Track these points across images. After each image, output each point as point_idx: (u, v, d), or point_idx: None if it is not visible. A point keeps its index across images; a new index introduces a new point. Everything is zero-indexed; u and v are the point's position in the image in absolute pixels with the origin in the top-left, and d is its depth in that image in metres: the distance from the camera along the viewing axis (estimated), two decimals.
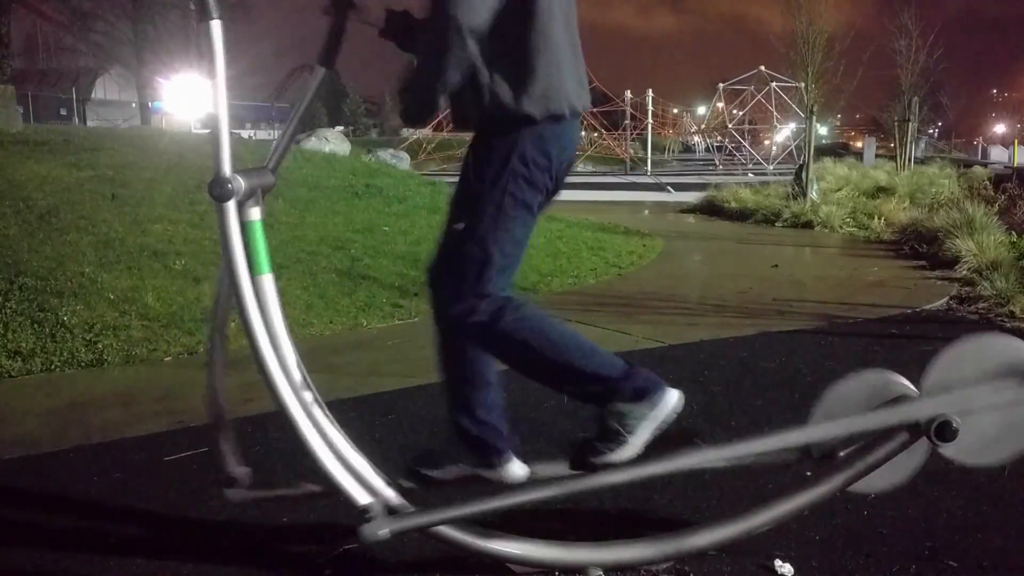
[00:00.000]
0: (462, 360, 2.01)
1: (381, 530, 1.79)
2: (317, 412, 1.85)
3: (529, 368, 1.99)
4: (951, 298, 5.54)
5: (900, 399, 1.98)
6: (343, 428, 1.96)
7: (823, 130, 41.88)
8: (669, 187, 19.10)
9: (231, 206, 1.78)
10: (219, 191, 1.77)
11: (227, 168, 1.77)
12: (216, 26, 1.75)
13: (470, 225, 1.91)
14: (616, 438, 1.92)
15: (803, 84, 13.15)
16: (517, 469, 2.05)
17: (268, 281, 1.88)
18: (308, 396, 1.86)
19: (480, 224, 1.90)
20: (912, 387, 2.00)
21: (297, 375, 1.86)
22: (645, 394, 1.95)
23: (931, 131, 58.85)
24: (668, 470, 1.99)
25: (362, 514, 1.80)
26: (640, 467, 1.95)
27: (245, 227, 1.86)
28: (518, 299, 1.97)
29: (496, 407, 2.04)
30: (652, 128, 30.88)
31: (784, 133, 34.06)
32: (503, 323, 1.92)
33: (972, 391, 1.91)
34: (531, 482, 2.02)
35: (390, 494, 1.87)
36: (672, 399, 1.97)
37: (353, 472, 1.85)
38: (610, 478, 1.94)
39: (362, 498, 1.82)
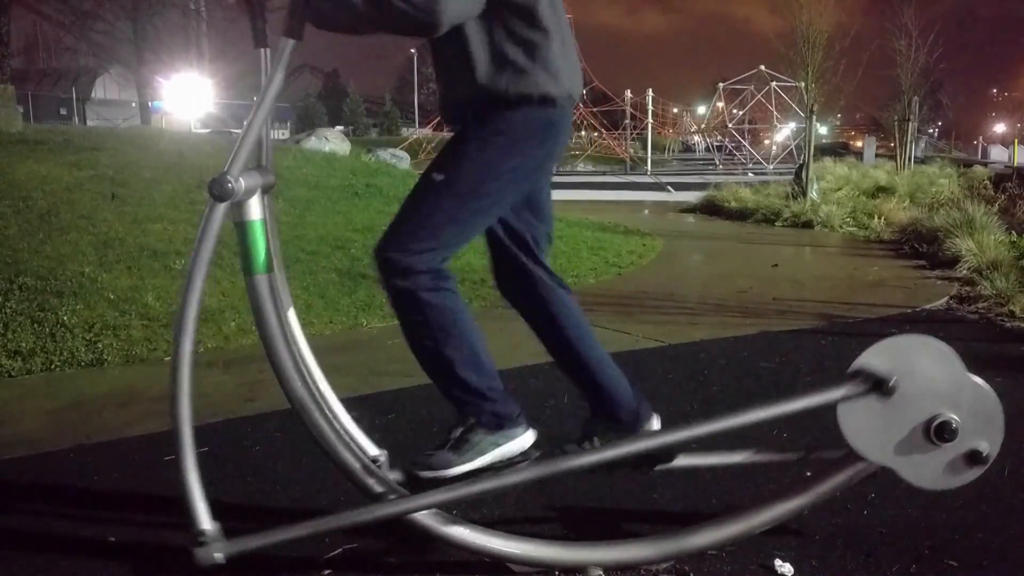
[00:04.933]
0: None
1: (217, 554, 1.81)
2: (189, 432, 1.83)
3: (418, 344, 1.97)
4: (951, 298, 5.54)
5: None
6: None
7: (823, 129, 41.81)
8: (669, 187, 19.09)
9: (222, 207, 1.79)
10: (219, 190, 1.78)
11: (237, 171, 1.79)
12: (289, 44, 1.78)
13: (458, 184, 1.90)
14: (461, 456, 1.95)
15: (803, 84, 13.12)
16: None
17: (266, 281, 1.88)
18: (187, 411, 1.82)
19: (471, 188, 1.90)
20: None
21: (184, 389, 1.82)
22: (504, 424, 1.99)
23: (931, 131, 58.83)
24: None
25: (197, 537, 1.81)
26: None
27: (246, 226, 1.87)
28: (452, 277, 1.96)
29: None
30: (652, 128, 30.84)
31: (784, 132, 34.06)
32: (431, 290, 1.91)
33: None
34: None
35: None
36: (526, 440, 2.01)
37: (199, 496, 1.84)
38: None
39: (204, 522, 1.82)
